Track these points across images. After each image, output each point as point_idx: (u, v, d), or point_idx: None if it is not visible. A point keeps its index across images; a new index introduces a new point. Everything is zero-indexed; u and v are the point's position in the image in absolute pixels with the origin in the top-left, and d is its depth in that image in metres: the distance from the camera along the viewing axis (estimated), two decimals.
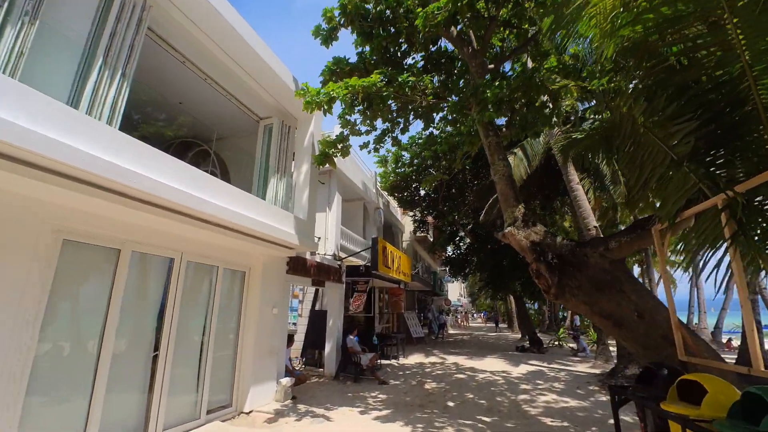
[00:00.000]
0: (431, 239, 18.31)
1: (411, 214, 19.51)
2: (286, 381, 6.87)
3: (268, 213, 6.23)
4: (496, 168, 6.16)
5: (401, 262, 13.20)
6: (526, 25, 6.75)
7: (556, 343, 17.31)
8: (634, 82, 3.87)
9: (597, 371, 10.52)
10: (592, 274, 4.72)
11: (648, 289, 5.43)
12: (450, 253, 18.92)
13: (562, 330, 18.08)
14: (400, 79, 6.23)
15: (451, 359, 12.81)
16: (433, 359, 12.78)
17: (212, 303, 5.85)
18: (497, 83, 5.46)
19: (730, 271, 2.85)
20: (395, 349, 12.49)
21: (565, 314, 31.16)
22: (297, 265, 8.05)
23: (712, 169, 3.24)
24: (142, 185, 3.71)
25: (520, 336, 20.88)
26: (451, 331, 30.35)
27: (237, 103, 7.24)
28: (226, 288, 6.28)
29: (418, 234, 20.44)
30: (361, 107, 7.09)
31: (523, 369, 10.87)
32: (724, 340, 20.12)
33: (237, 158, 8.83)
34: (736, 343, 19.44)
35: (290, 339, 7.95)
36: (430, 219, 19.45)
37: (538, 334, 15.79)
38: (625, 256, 4.77)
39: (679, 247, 3.60)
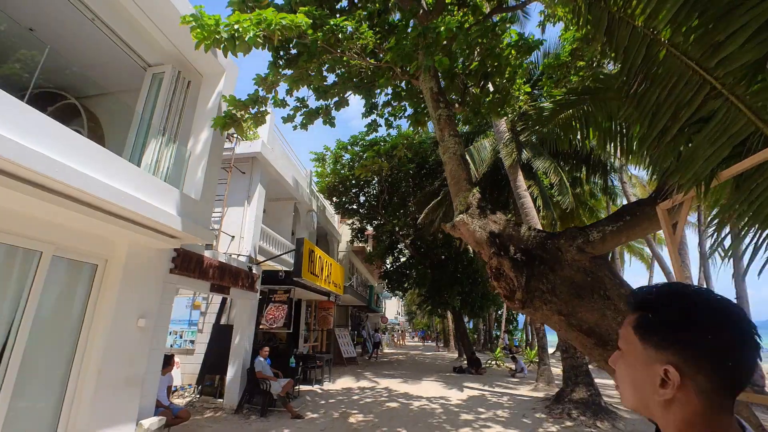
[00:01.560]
0: (369, 250, 16.93)
1: (349, 222, 18.03)
2: (151, 422, 4.88)
3: (138, 182, 4.39)
4: (446, 145, 4.95)
5: (333, 271, 11.58)
6: None
7: (494, 363, 16.57)
8: None
9: (540, 395, 9.64)
10: (568, 275, 3.54)
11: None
12: (388, 266, 17.65)
13: (498, 350, 17.46)
14: (332, 23, 4.85)
15: (383, 383, 11.29)
16: (363, 383, 11.15)
17: (23, 306, 3.81)
18: (450, 19, 4.29)
19: None
20: (320, 371, 10.70)
21: (498, 332, 31.25)
22: (188, 263, 6.14)
23: None
24: None
25: (457, 355, 19.98)
26: (387, 350, 28.86)
27: (116, 40, 5.35)
28: (57, 286, 4.25)
29: (355, 244, 18.96)
30: (282, 61, 5.60)
31: (462, 394, 9.67)
32: None
33: (120, 121, 6.76)
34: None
35: (168, 361, 5.93)
36: (369, 230, 18.12)
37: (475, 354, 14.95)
38: (608, 252, 3.70)
39: (707, 224, 2.52)
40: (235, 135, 10.16)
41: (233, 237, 9.40)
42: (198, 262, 6.42)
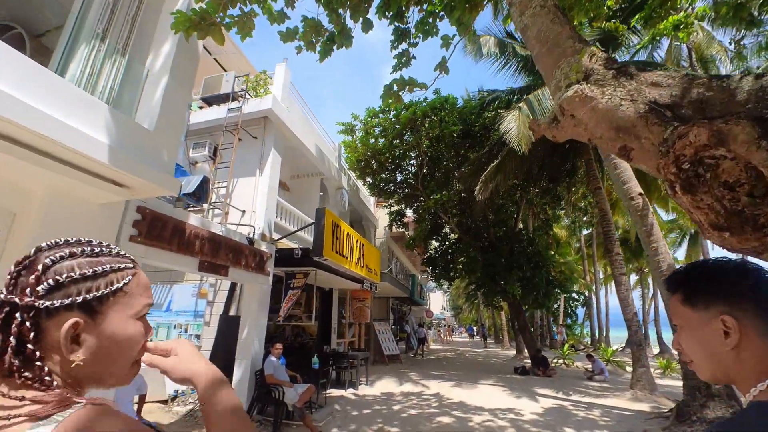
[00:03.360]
0: (410, 235, 14.96)
1: (386, 205, 16.15)
2: None
3: (58, 97, 2.79)
4: None
5: (366, 254, 9.76)
6: None
7: (561, 362, 14.00)
8: None
9: (644, 407, 7.21)
10: None
11: None
12: (432, 252, 15.56)
13: (566, 346, 14.82)
14: None
15: (432, 386, 9.31)
16: (407, 387, 9.25)
17: None
18: None
19: None
20: (355, 372, 8.93)
21: (555, 327, 28.06)
22: (159, 230, 4.53)
23: None
24: None
25: (514, 352, 17.51)
26: (433, 347, 26.80)
27: None
28: None
29: (394, 230, 17.05)
30: None
31: (536, 405, 7.46)
32: None
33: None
34: None
35: None
36: (408, 216, 16.12)
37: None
38: None
39: None
40: (244, 93, 8.63)
41: (244, 212, 7.85)
42: (176, 231, 4.81)
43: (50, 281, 0.58)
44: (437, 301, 52.24)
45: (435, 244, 16.02)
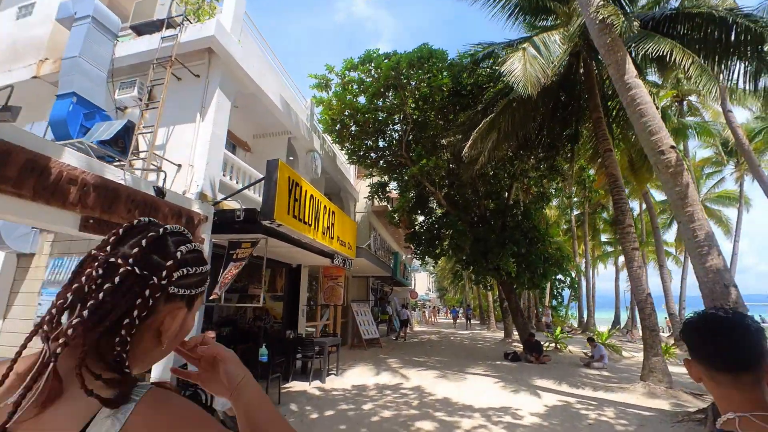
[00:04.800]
0: (392, 208, 13.48)
1: (367, 174, 14.60)
2: None
3: None
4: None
5: (338, 224, 8.29)
6: None
7: (553, 346, 12.96)
8: None
9: (665, 405, 6.04)
10: None
11: None
12: (418, 226, 14.15)
13: (559, 329, 13.79)
14: None
15: (413, 377, 8.05)
16: (385, 378, 7.97)
17: None
18: None
19: None
20: (324, 361, 7.57)
21: (541, 308, 27.43)
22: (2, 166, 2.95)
23: None
24: None
25: (502, 335, 16.51)
26: (417, 328, 25.85)
27: None
28: None
29: (376, 203, 15.55)
30: None
31: (536, 401, 6.25)
32: None
33: None
34: None
35: None
36: (392, 188, 14.59)
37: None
38: None
39: None
40: (182, 18, 6.88)
41: (179, 166, 6.25)
42: (33, 169, 3.22)
43: (184, 270, 0.63)
44: (423, 282, 51.41)
45: (420, 219, 14.61)
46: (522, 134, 10.23)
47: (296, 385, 7.01)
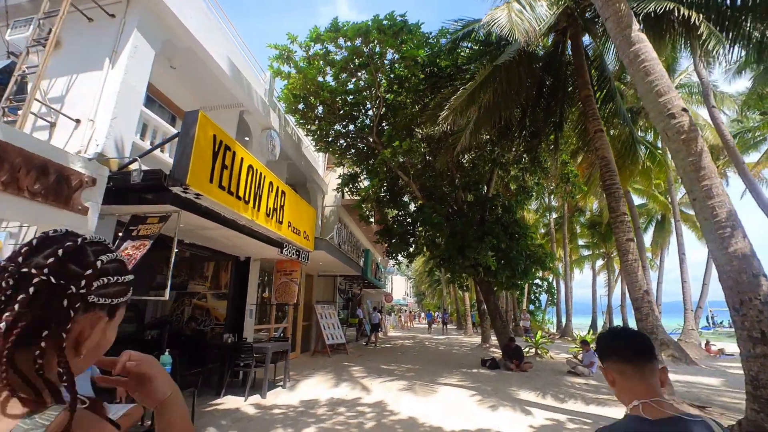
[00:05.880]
0: (360, 198, 12.26)
1: (336, 163, 13.36)
2: None
3: None
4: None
5: (291, 209, 7.02)
6: None
7: (534, 351, 11.98)
8: None
9: None
10: None
11: None
12: (392, 220, 12.96)
13: (540, 334, 12.86)
14: None
15: (375, 389, 6.82)
16: (342, 390, 6.71)
17: None
18: None
19: None
20: (266, 371, 6.22)
21: (519, 312, 26.65)
22: None
23: None
24: None
25: (480, 341, 15.48)
26: (392, 333, 24.57)
27: None
28: None
29: (346, 196, 14.28)
30: None
31: (520, 421, 5.12)
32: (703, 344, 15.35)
33: None
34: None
35: None
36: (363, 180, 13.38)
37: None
38: None
39: None
40: None
41: (78, 121, 4.89)
42: None
43: (104, 279, 0.61)
44: (401, 287, 50.28)
45: (393, 213, 13.45)
46: (505, 116, 9.27)
47: (228, 401, 5.66)
